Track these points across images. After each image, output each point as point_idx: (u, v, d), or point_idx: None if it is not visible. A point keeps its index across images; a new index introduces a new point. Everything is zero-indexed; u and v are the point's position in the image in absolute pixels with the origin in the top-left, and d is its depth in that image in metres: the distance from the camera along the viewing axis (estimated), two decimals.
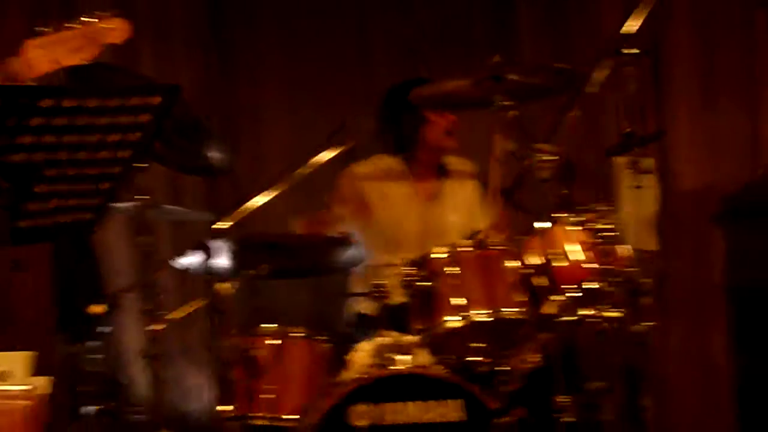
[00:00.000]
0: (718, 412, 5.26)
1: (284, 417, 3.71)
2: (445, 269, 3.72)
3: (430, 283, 3.70)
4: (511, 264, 3.79)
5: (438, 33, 5.62)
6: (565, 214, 3.97)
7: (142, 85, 3.10)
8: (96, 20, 2.65)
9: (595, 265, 3.85)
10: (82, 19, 2.64)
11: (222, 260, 3.79)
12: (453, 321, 3.66)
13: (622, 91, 4.16)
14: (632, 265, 3.99)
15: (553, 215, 3.87)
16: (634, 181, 4.19)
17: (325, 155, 3.93)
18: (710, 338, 5.28)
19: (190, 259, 3.75)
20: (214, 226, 3.65)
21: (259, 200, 3.90)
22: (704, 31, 5.35)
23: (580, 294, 3.84)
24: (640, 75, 4.21)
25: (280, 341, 3.74)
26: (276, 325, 3.79)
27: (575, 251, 3.88)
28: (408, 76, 4.72)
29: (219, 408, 3.62)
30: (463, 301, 3.67)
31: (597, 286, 3.83)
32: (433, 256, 3.76)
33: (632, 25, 4.12)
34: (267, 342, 3.75)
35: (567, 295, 3.81)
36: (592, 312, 3.86)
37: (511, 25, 5.58)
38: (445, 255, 3.75)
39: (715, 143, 5.36)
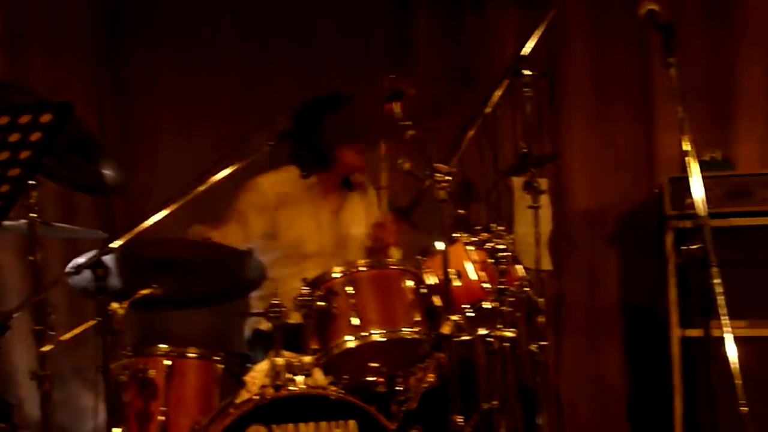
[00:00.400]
0: (612, 428, 5.32)
1: None
2: (342, 288, 3.71)
3: (325, 303, 3.67)
4: (408, 283, 3.79)
5: (338, 50, 5.60)
6: (463, 234, 3.99)
7: (33, 103, 3.03)
8: None
9: (491, 285, 3.88)
10: None
11: (115, 279, 3.72)
12: (349, 341, 3.64)
13: (518, 111, 4.20)
14: (528, 285, 4.02)
15: (450, 235, 3.88)
16: (530, 201, 4.23)
17: (222, 173, 3.87)
18: (605, 357, 5.34)
19: (83, 278, 3.67)
20: (107, 245, 3.58)
21: (154, 218, 3.83)
22: (599, 51, 5.43)
23: (476, 313, 3.86)
24: (537, 95, 4.26)
25: (172, 362, 3.68)
26: (169, 345, 3.72)
27: (472, 271, 3.90)
28: (310, 93, 4.66)
29: (111, 430, 3.53)
30: (359, 320, 3.66)
31: (493, 305, 3.85)
32: (330, 275, 3.74)
33: (529, 47, 4.16)
34: (160, 362, 3.68)
35: (463, 314, 3.83)
36: (488, 331, 3.89)
37: (410, 44, 5.59)
38: (342, 275, 3.74)
39: (610, 163, 5.43)
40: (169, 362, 3.67)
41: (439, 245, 3.78)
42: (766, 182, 4.64)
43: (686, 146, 3.49)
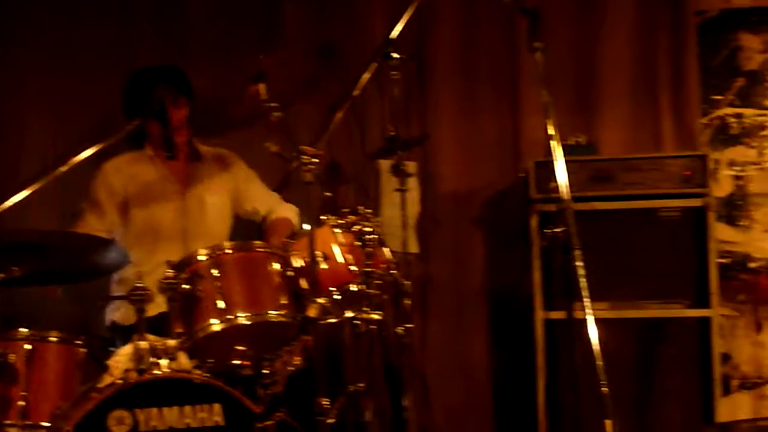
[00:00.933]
0: (477, 409, 5.37)
1: (40, 424, 3.57)
2: (208, 271, 3.67)
3: (190, 286, 3.63)
4: (275, 266, 3.77)
5: (205, 33, 5.51)
6: (330, 217, 3.98)
7: None
8: None
9: (358, 268, 3.88)
10: None
11: None
12: (214, 324, 3.61)
13: (386, 94, 4.21)
14: (394, 268, 4.04)
15: (317, 217, 3.87)
16: (397, 184, 4.24)
17: (84, 154, 3.79)
18: (470, 339, 5.38)
19: None
20: None
21: (14, 200, 3.74)
22: (467, 36, 5.45)
23: (343, 296, 3.86)
24: (405, 79, 4.26)
25: (32, 346, 3.59)
26: (29, 329, 3.63)
27: (339, 254, 3.90)
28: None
29: None
30: (225, 304, 3.62)
31: (359, 288, 3.85)
32: (195, 258, 3.70)
33: (397, 30, 4.17)
34: (20, 347, 3.59)
35: (330, 297, 3.82)
36: (355, 314, 3.89)
37: (277, 26, 5.53)
38: (207, 257, 3.70)
39: (477, 146, 5.45)
40: (30, 346, 3.59)
41: (306, 228, 3.77)
42: (628, 167, 4.72)
43: (551, 131, 3.55)
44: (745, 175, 5.30)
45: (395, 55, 4.16)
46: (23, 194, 3.76)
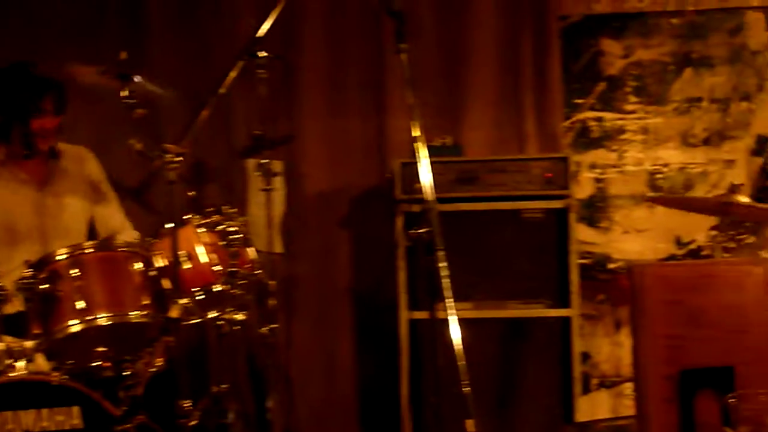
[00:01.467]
0: (342, 409, 5.38)
1: None
2: (67, 271, 3.59)
3: (49, 286, 3.55)
4: (137, 266, 3.71)
5: (67, 31, 5.40)
6: (194, 216, 3.94)
7: None
8: None
9: (223, 268, 3.85)
10: None
11: None
12: (73, 325, 3.54)
13: (253, 93, 4.18)
14: (259, 268, 4.02)
15: (181, 217, 3.83)
16: (263, 183, 4.22)
17: None
18: (335, 339, 5.38)
19: None
20: None
21: None
22: (334, 36, 5.44)
23: (207, 296, 3.82)
24: (272, 77, 4.24)
25: None
26: None
27: (202, 253, 3.86)
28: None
29: None
30: (85, 304, 3.55)
31: (223, 288, 3.83)
32: (54, 257, 3.62)
33: (265, 28, 4.14)
34: None
35: (193, 297, 3.78)
36: (219, 314, 3.86)
37: (143, 22, 5.45)
38: (67, 257, 3.62)
39: (344, 146, 5.45)
40: None
41: (170, 227, 3.72)
42: (493, 168, 4.77)
43: (416, 132, 3.56)
44: (605, 178, 5.42)
45: (262, 54, 4.14)
46: None
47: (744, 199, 4.22)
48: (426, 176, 3.50)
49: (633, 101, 5.41)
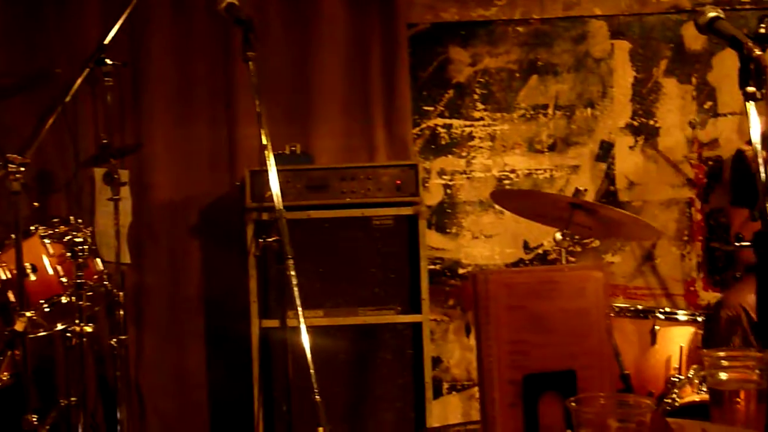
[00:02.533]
0: (194, 420, 5.33)
1: None
2: None
3: None
4: None
5: None
6: (39, 227, 3.87)
7: None
8: None
9: (69, 279, 3.79)
10: None
11: None
12: None
13: (100, 101, 4.13)
14: (107, 279, 3.97)
15: (26, 228, 3.76)
16: (111, 192, 4.17)
17: None
18: (187, 349, 5.32)
19: None
20: None
21: None
22: (182, 44, 5.38)
23: (54, 308, 3.76)
24: (119, 85, 4.20)
25: None
26: None
27: (48, 265, 3.80)
28: None
29: None
30: None
31: (71, 300, 3.77)
32: None
33: (111, 35, 4.10)
34: None
35: (40, 309, 3.72)
36: (66, 326, 3.80)
37: None
38: None
39: (193, 155, 5.40)
40: None
41: (14, 238, 3.65)
42: (343, 176, 4.80)
43: (264, 140, 3.57)
44: (454, 184, 5.50)
45: (108, 61, 4.10)
46: None
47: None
48: (275, 184, 3.51)
49: (480, 108, 5.50)
